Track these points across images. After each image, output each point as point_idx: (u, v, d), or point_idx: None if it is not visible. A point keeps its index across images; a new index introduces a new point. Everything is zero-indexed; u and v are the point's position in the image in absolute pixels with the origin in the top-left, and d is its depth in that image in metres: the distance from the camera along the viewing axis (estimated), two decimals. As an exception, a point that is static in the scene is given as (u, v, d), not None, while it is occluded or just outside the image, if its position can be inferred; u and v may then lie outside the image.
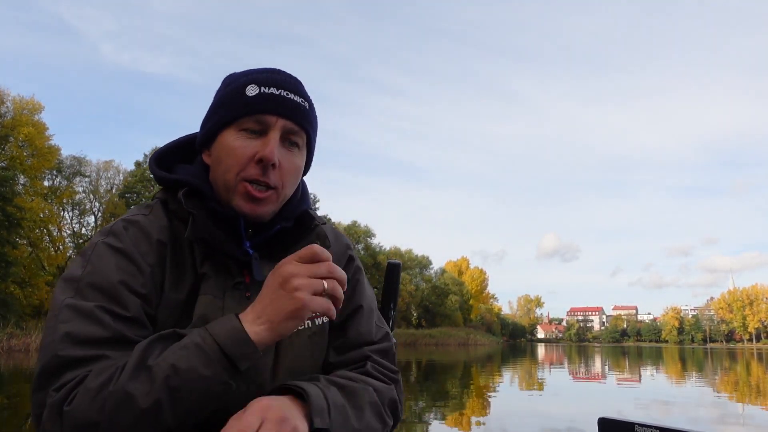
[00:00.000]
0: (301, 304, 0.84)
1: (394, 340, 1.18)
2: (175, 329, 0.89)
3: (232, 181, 0.98)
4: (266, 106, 0.98)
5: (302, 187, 1.14)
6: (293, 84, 1.03)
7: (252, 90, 0.99)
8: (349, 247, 1.19)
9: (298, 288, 0.84)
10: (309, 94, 1.07)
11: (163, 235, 1.00)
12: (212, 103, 1.06)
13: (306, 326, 1.05)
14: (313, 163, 1.13)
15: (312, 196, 1.21)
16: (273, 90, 1.00)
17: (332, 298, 0.87)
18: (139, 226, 0.99)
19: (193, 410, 0.83)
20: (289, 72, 1.06)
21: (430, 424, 7.64)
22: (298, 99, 1.02)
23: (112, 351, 0.86)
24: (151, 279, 0.95)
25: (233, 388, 0.85)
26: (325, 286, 0.85)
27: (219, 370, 0.83)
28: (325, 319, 1.08)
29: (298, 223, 1.09)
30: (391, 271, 1.45)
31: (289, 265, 0.86)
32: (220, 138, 1.01)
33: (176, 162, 1.11)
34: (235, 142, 0.98)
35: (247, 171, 0.97)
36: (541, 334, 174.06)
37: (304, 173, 1.11)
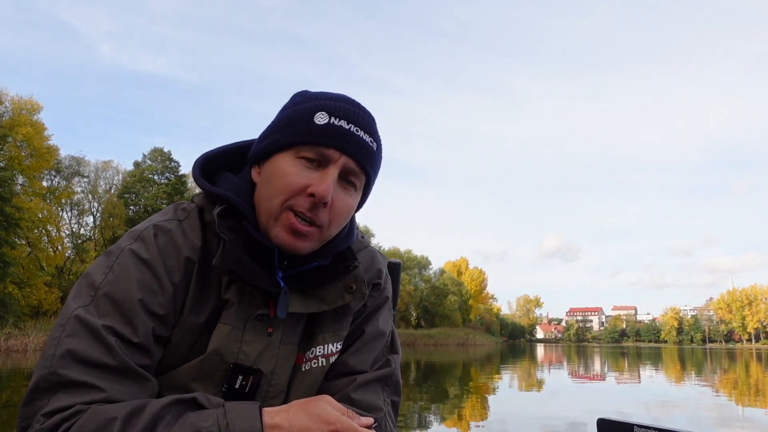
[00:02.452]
0: None
1: (398, 362, 1.11)
2: (195, 397, 0.83)
3: (276, 208, 0.92)
4: (332, 140, 0.91)
5: (350, 222, 1.05)
6: (366, 120, 0.96)
7: (321, 118, 0.92)
8: (379, 275, 1.11)
9: None
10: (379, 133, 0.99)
11: (193, 251, 0.94)
12: (275, 119, 0.98)
13: (321, 364, 1.01)
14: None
15: (364, 227, 1.14)
16: (343, 123, 0.92)
17: None
18: (170, 237, 0.94)
19: None
20: (363, 105, 0.99)
21: (429, 425, 7.61)
22: (367, 138, 0.95)
23: (112, 384, 0.82)
24: (172, 299, 0.90)
25: None
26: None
27: None
28: (337, 351, 1.04)
29: (337, 260, 1.02)
30: (391, 271, 1.43)
31: (339, 416, 0.83)
32: (276, 159, 0.94)
33: (221, 169, 1.04)
34: (289, 168, 0.91)
35: (295, 201, 0.91)
36: (540, 335, 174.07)
37: (355, 211, 1.03)
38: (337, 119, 0.92)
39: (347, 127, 0.92)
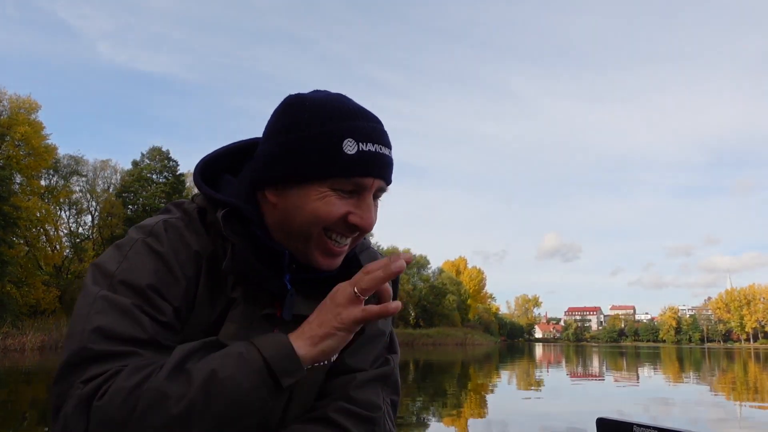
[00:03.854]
0: (341, 317, 0.83)
1: (397, 362, 1.11)
2: (218, 338, 0.86)
3: (315, 234, 0.92)
4: (365, 169, 0.90)
5: None
6: (384, 134, 0.95)
7: (350, 147, 0.89)
8: None
9: (340, 303, 0.84)
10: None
11: (201, 246, 0.94)
12: (292, 139, 0.91)
13: (322, 363, 1.00)
14: None
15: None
16: (371, 147, 0.90)
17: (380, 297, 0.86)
18: (179, 232, 0.94)
19: (225, 422, 0.79)
20: (373, 114, 0.97)
21: (428, 424, 7.62)
22: (388, 153, 0.94)
23: (147, 351, 0.83)
24: (185, 292, 0.91)
25: (269, 406, 0.82)
26: (356, 290, 0.83)
27: (260, 384, 0.79)
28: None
29: (343, 266, 1.01)
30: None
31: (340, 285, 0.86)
32: (308, 188, 0.90)
33: (221, 171, 1.04)
34: (329, 199, 0.90)
35: (334, 228, 0.92)
36: (538, 334, 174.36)
37: None
38: (365, 144, 0.90)
39: (375, 150, 0.91)
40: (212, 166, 1.04)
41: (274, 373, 0.80)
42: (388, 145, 0.95)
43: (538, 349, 60.11)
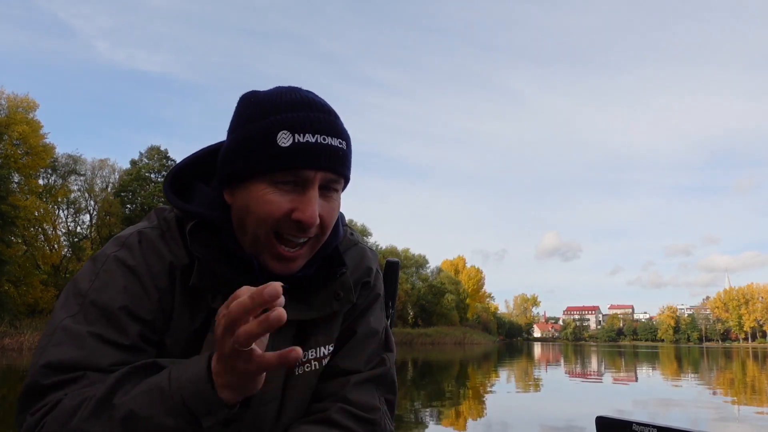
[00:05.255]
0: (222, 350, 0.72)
1: (393, 360, 1.09)
2: (155, 360, 0.82)
3: (262, 237, 0.89)
4: (303, 160, 0.86)
5: (337, 221, 1.01)
6: (329, 123, 0.89)
7: (284, 139, 0.85)
8: (369, 273, 1.09)
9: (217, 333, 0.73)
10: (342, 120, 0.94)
11: (177, 258, 0.93)
12: (234, 137, 0.91)
13: (314, 367, 1.00)
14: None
15: (361, 225, 1.11)
16: (309, 137, 0.86)
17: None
18: (153, 244, 0.93)
19: None
20: (318, 98, 0.93)
21: (426, 424, 7.61)
22: (336, 142, 0.89)
23: (96, 375, 0.83)
24: (159, 304, 0.91)
25: None
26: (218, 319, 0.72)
27: (181, 424, 0.75)
28: (329, 353, 1.02)
29: (325, 265, 0.99)
30: (390, 269, 1.41)
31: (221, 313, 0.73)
32: (249, 187, 0.88)
33: (194, 178, 1.01)
34: (268, 197, 0.87)
35: (281, 227, 0.88)
36: (537, 333, 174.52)
37: None
38: (302, 135, 0.86)
39: (314, 140, 0.86)
40: (184, 175, 1.02)
41: (193, 413, 0.75)
42: (335, 135, 0.89)
43: (537, 349, 60.14)
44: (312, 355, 1.01)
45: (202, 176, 1.02)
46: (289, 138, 0.86)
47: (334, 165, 0.89)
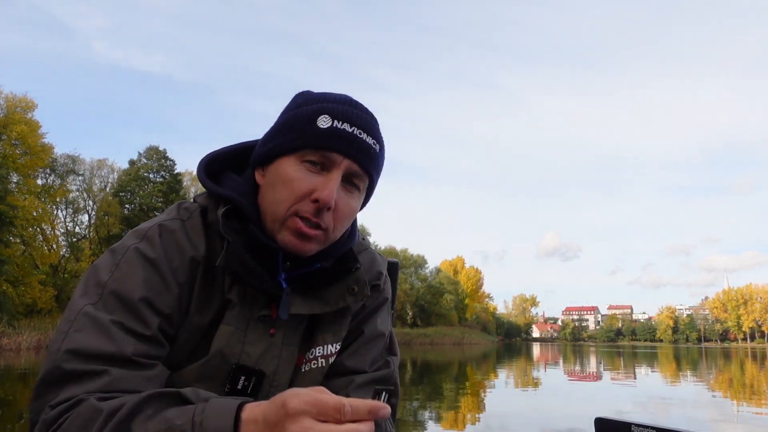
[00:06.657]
0: None
1: (396, 364, 1.10)
2: (179, 391, 0.78)
3: (282, 214, 0.91)
4: (335, 143, 0.91)
5: (352, 224, 1.05)
6: (368, 122, 0.95)
7: (324, 121, 0.91)
8: (379, 276, 1.11)
9: None
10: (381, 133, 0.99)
11: (198, 251, 0.94)
12: (278, 121, 0.97)
13: (320, 365, 1.01)
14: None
15: (360, 225, 1.14)
16: (346, 126, 0.92)
17: None
18: (175, 237, 0.93)
19: None
20: (365, 106, 0.98)
21: (425, 424, 7.60)
22: (369, 140, 0.94)
23: (121, 370, 0.82)
24: (178, 299, 0.91)
25: None
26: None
27: None
28: (336, 351, 1.02)
29: (339, 262, 1.02)
30: (390, 270, 1.41)
31: (302, 410, 0.66)
32: (279, 163, 0.93)
33: (226, 169, 1.04)
34: (294, 173, 0.91)
35: (301, 206, 0.91)
36: (536, 334, 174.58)
37: (358, 211, 1.02)
38: (340, 122, 0.92)
39: (350, 130, 0.92)
40: (217, 164, 1.04)
41: None
42: (371, 134, 0.95)
43: (536, 349, 60.17)
44: (319, 353, 1.02)
45: (234, 169, 1.05)
46: (328, 122, 0.92)
47: (362, 158, 0.93)
